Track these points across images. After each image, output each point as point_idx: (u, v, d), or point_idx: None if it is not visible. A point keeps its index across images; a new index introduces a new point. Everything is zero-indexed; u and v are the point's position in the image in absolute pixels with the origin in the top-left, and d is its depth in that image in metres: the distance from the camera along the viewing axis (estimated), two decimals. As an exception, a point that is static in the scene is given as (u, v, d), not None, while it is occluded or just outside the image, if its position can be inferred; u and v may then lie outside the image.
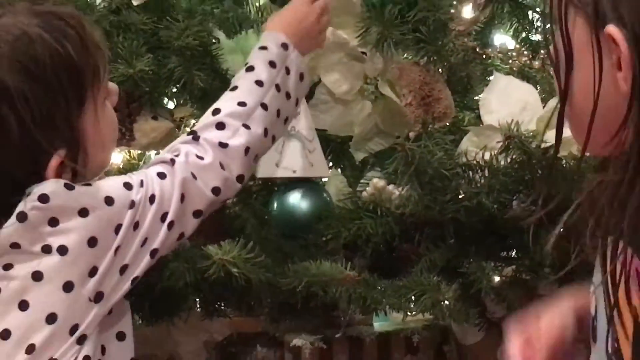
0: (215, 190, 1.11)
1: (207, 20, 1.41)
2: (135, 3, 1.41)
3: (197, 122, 1.44)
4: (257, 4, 1.55)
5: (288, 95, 1.21)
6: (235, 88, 1.19)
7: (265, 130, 1.17)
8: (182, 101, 1.48)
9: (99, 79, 1.07)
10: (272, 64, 1.20)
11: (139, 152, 1.56)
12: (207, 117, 1.17)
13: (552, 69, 0.94)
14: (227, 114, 1.14)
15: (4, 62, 1.01)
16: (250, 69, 1.20)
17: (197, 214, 1.11)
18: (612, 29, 0.81)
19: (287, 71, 1.21)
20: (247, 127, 1.14)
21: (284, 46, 1.21)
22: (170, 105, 1.49)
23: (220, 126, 1.13)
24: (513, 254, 1.53)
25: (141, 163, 1.60)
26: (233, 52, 1.52)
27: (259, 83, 1.18)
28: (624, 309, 0.88)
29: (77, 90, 1.05)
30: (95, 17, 1.39)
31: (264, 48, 1.22)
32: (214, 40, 1.42)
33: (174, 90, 1.45)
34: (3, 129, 1.00)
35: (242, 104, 1.15)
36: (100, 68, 1.08)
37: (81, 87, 1.05)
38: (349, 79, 1.44)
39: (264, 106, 1.16)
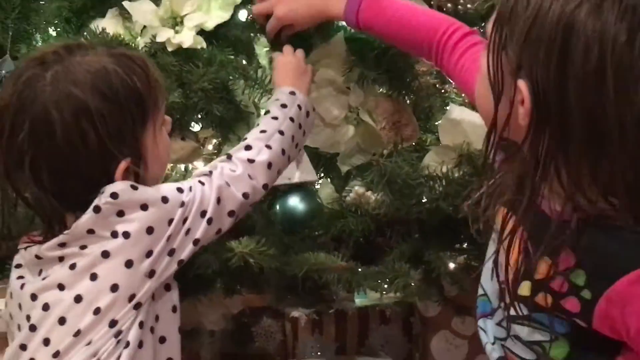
0: (245, 195, 1.20)
1: (224, 69, 1.45)
2: (169, 49, 1.46)
3: (216, 142, 1.58)
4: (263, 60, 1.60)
5: (299, 126, 1.31)
6: (257, 125, 1.31)
7: (283, 150, 1.27)
8: (204, 125, 1.52)
9: (158, 107, 1.16)
10: (283, 106, 1.31)
11: (171, 165, 1.57)
12: (239, 144, 1.29)
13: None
14: (253, 138, 1.25)
15: (87, 88, 1.09)
16: (267, 112, 1.32)
17: (231, 214, 1.19)
18: (522, 83, 0.92)
19: (299, 107, 1.32)
20: (269, 147, 1.24)
21: (292, 93, 1.32)
22: (196, 128, 1.52)
23: (248, 147, 1.23)
24: (465, 245, 1.57)
25: (173, 173, 1.59)
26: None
27: (275, 118, 1.29)
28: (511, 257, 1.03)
29: (140, 113, 1.13)
30: None
31: (277, 100, 1.33)
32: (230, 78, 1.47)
33: (198, 117, 1.48)
34: (84, 139, 1.08)
35: (263, 131, 1.26)
36: (159, 98, 1.17)
37: (144, 111, 1.13)
38: (336, 108, 1.50)
39: (281, 132, 1.27)
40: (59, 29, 1.55)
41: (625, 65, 0.90)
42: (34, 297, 1.13)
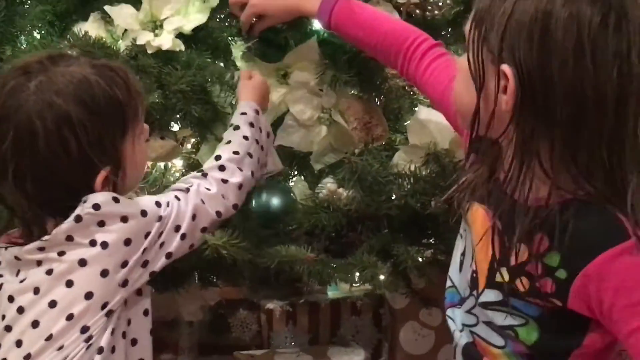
0: (219, 214, 1.23)
1: (201, 72, 1.45)
2: (149, 51, 1.45)
3: (194, 141, 1.58)
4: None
5: (262, 148, 1.34)
6: (229, 142, 1.30)
7: (252, 173, 1.30)
8: (183, 125, 1.51)
9: (137, 117, 1.16)
10: (251, 125, 1.33)
11: (151, 162, 1.55)
12: (212, 161, 1.29)
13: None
14: (226, 159, 1.26)
15: (69, 98, 1.08)
16: (237, 127, 1.32)
17: (203, 229, 1.22)
18: (505, 67, 0.94)
19: (260, 130, 1.34)
20: (240, 169, 1.27)
21: (257, 112, 1.34)
22: (175, 128, 1.51)
23: (222, 168, 1.25)
24: (431, 240, 1.56)
25: (153, 171, 1.57)
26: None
27: (245, 138, 1.31)
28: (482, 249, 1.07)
29: (121, 123, 1.13)
30: (120, 60, 1.43)
31: (244, 113, 1.34)
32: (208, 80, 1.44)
33: (177, 117, 1.47)
34: (65, 148, 1.08)
35: (236, 152, 1.28)
36: (138, 108, 1.17)
37: (124, 121, 1.14)
38: (310, 109, 1.50)
39: (250, 155, 1.30)
40: (43, 32, 1.54)
41: (601, 43, 0.93)
42: (10, 298, 1.14)
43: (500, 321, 1.06)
